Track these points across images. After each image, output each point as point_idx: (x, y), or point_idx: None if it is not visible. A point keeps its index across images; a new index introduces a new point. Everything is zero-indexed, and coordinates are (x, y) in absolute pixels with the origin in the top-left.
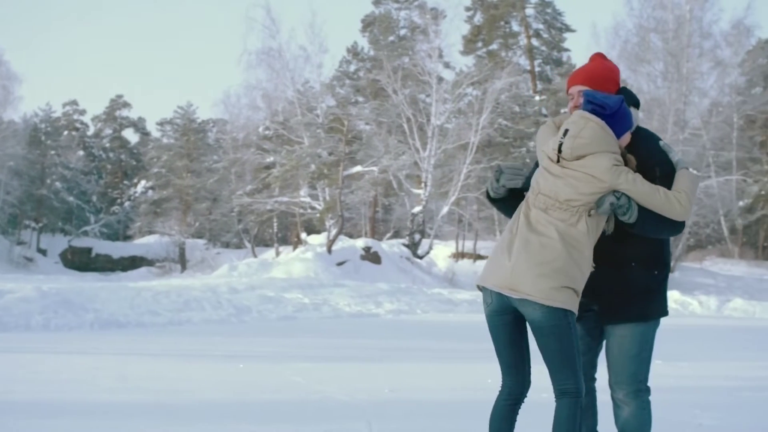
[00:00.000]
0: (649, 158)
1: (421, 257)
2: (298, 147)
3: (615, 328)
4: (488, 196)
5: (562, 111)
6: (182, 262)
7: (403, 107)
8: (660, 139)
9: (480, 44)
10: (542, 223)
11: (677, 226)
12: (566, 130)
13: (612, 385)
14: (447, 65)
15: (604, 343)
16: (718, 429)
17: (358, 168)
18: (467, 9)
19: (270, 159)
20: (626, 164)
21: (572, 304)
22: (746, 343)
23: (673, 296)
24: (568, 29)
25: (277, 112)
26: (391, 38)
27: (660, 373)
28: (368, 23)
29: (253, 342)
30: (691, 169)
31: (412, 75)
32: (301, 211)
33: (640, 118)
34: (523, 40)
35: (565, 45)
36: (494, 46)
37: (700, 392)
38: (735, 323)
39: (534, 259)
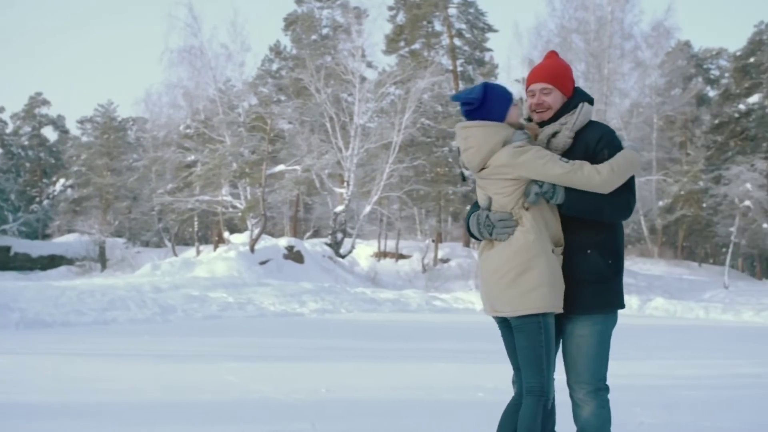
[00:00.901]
0: (598, 143)
1: (343, 256)
2: (221, 146)
3: (573, 328)
4: (469, 231)
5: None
6: (102, 261)
7: (326, 106)
8: (616, 139)
9: (402, 44)
10: None
11: (619, 207)
12: (458, 149)
13: (571, 384)
14: (369, 64)
15: (561, 343)
16: (659, 427)
17: (281, 167)
18: (390, 8)
19: (191, 158)
20: (534, 134)
21: (543, 304)
22: (671, 342)
23: None
24: (490, 29)
25: (198, 111)
26: (314, 37)
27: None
28: (291, 22)
29: (183, 342)
30: (633, 148)
31: (335, 74)
32: (223, 210)
33: (593, 112)
34: (445, 40)
35: (488, 45)
36: (417, 46)
37: (636, 391)
38: (657, 322)
39: (495, 273)
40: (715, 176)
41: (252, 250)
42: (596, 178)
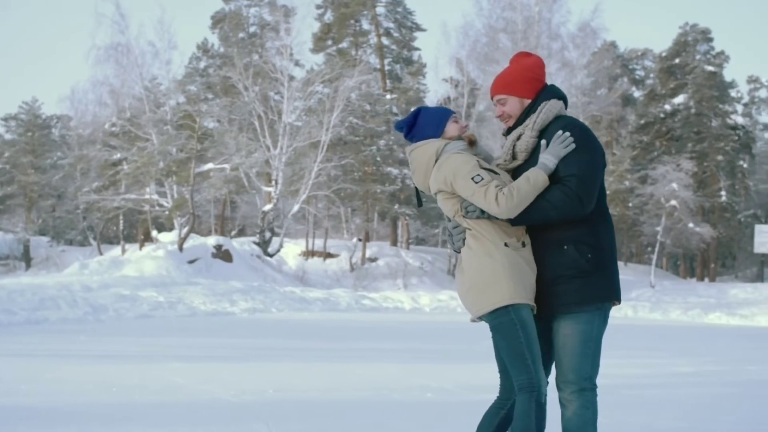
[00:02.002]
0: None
1: (271, 255)
2: (149, 144)
3: (559, 326)
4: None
5: (411, 109)
6: (27, 259)
7: (254, 105)
8: (578, 127)
9: (330, 42)
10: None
11: (565, 205)
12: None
13: (557, 383)
14: (297, 63)
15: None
16: (615, 427)
17: (209, 165)
18: (318, 7)
19: (117, 156)
20: (471, 144)
21: (503, 296)
22: (608, 342)
23: None
24: (418, 28)
25: (124, 109)
26: (242, 35)
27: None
28: (218, 20)
29: (120, 342)
30: (543, 173)
31: (263, 72)
32: (149, 208)
33: (563, 109)
34: (373, 39)
35: (416, 44)
36: (344, 45)
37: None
38: None
39: (460, 280)
40: (641, 176)
41: (180, 249)
42: (493, 206)
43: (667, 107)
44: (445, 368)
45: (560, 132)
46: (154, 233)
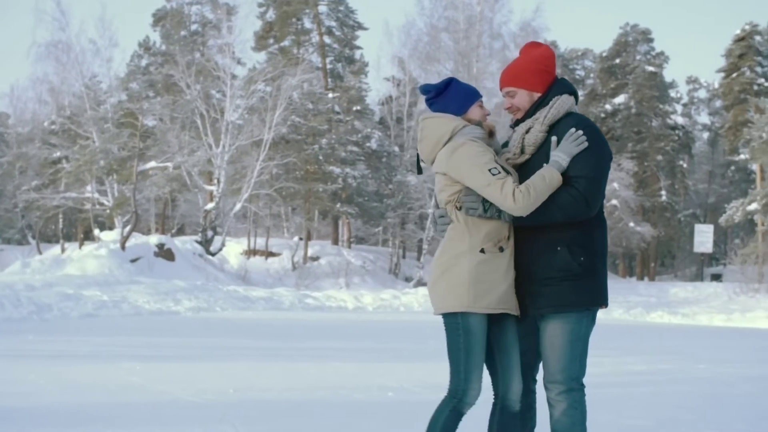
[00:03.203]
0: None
1: (213, 254)
2: (91, 142)
3: (546, 326)
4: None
5: (355, 108)
6: None
7: (196, 103)
8: (589, 127)
9: (272, 41)
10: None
11: (571, 206)
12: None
13: (545, 384)
14: (239, 61)
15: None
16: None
17: (152, 164)
18: (260, 5)
19: (57, 154)
20: (490, 134)
21: (459, 303)
22: None
23: None
24: (360, 27)
25: (64, 107)
26: (184, 33)
27: None
28: (159, 18)
29: (69, 341)
30: (557, 171)
31: (206, 70)
32: (90, 207)
33: (574, 105)
34: (315, 37)
35: (358, 43)
36: (286, 43)
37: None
38: None
39: (432, 269)
40: None
41: (123, 247)
42: (509, 201)
43: (608, 107)
44: (400, 367)
45: (573, 130)
46: (96, 232)
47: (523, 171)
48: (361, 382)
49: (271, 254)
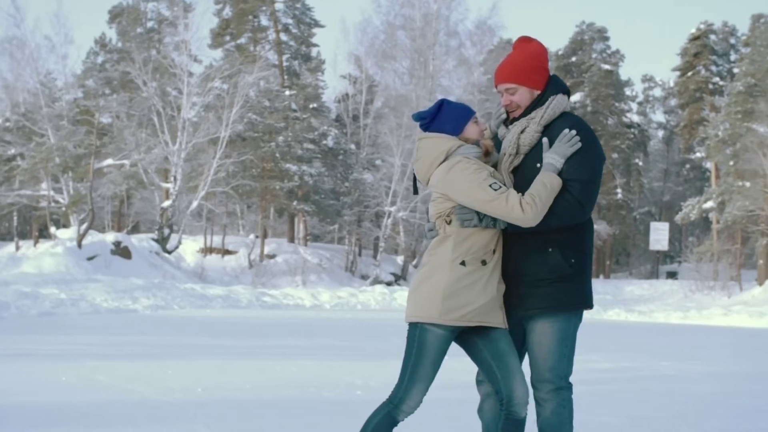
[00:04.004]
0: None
1: (170, 252)
2: (46, 139)
3: (535, 326)
4: None
5: (312, 106)
6: None
7: (153, 100)
8: (583, 129)
9: (228, 38)
10: None
11: (566, 212)
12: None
13: (533, 383)
14: (195, 59)
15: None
16: None
17: (108, 161)
18: (216, 2)
19: (11, 151)
20: (486, 153)
21: (425, 314)
22: None
23: None
24: (317, 24)
25: (18, 104)
26: (140, 30)
27: (461, 370)
28: (116, 14)
29: (30, 340)
30: (554, 174)
31: (162, 68)
32: (45, 205)
33: (568, 105)
34: (272, 35)
35: (314, 40)
36: (243, 40)
37: None
38: None
39: (416, 275)
40: None
41: (79, 245)
42: (517, 212)
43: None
44: (365, 365)
45: (567, 130)
46: (53, 229)
47: (516, 172)
48: (327, 380)
49: (228, 252)
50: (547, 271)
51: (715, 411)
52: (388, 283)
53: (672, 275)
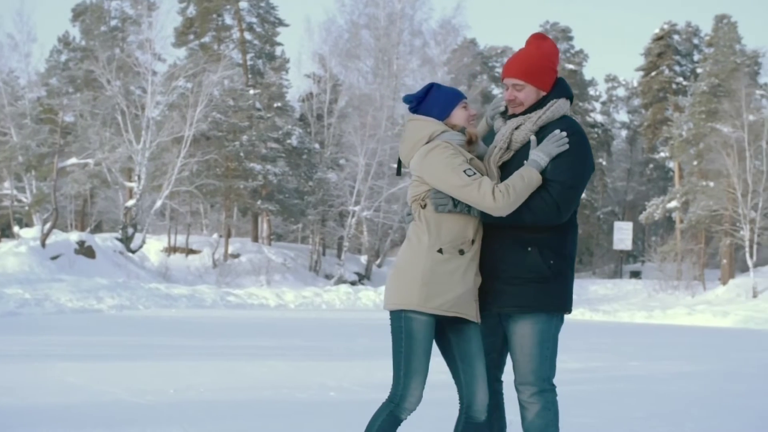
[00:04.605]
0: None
1: (134, 251)
2: (9, 138)
3: (515, 327)
4: None
5: (276, 105)
6: None
7: (117, 99)
8: (578, 133)
9: (192, 37)
10: None
11: (541, 211)
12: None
13: (516, 386)
14: (159, 57)
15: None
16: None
17: (72, 160)
18: (180, 1)
19: None
20: (470, 141)
21: (406, 301)
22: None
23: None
24: (281, 23)
25: None
26: (104, 28)
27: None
28: (79, 12)
29: None
30: (535, 170)
31: (126, 66)
32: (8, 204)
33: (569, 110)
34: (236, 34)
35: (279, 39)
36: (207, 39)
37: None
38: None
39: (395, 264)
40: None
41: (43, 245)
42: (488, 200)
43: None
44: (335, 366)
45: (558, 131)
46: (16, 229)
47: (505, 168)
48: (299, 381)
49: (192, 251)
50: (525, 270)
51: (690, 411)
52: (353, 283)
53: (635, 275)
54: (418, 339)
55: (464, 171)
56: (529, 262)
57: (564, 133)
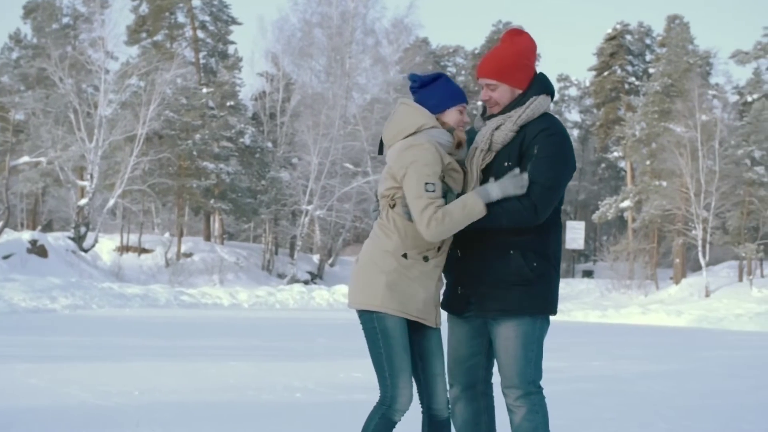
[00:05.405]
0: (535, 136)
1: (86, 251)
2: None
3: (500, 330)
4: None
5: (229, 104)
6: None
7: (70, 97)
8: (559, 133)
9: (145, 35)
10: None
11: (518, 213)
12: None
13: (503, 390)
14: (111, 55)
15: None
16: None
17: (24, 159)
18: None
19: None
20: (458, 144)
21: (375, 302)
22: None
23: (341, 290)
24: (234, 22)
25: None
26: (55, 26)
27: None
28: (30, 9)
29: None
30: (482, 203)
31: (79, 64)
32: None
33: (550, 107)
34: (188, 32)
35: (231, 38)
36: (159, 37)
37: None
38: None
39: (357, 261)
40: None
41: None
42: (423, 224)
43: (480, 104)
44: (298, 366)
45: (517, 171)
46: None
47: (487, 170)
48: (264, 382)
49: (144, 251)
50: (509, 273)
51: (660, 412)
52: (305, 282)
53: (588, 274)
54: (395, 336)
55: (426, 183)
56: (512, 265)
57: (525, 178)
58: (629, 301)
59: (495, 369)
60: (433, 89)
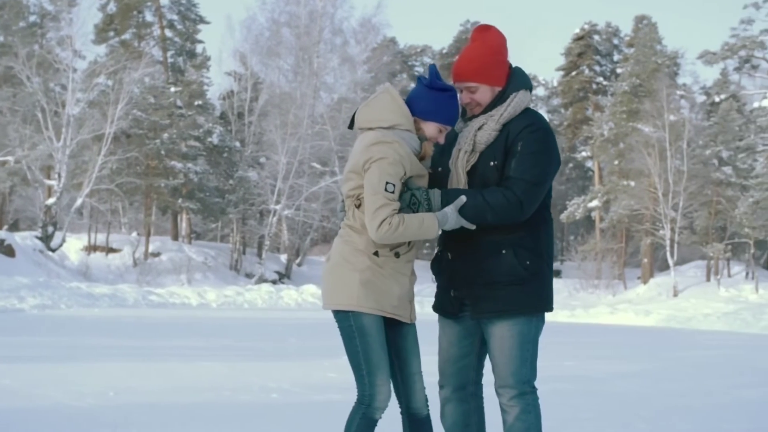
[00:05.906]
0: (519, 133)
1: (54, 250)
2: None
3: (494, 330)
4: None
5: (197, 103)
6: None
7: (37, 96)
8: (543, 129)
9: (113, 34)
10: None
11: (504, 208)
12: None
13: (496, 389)
14: (79, 54)
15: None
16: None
17: None
18: None
19: None
20: (422, 157)
21: (350, 302)
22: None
23: (309, 290)
24: (202, 21)
25: None
26: (22, 24)
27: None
28: None
29: None
30: (437, 224)
31: (46, 63)
32: None
33: (528, 100)
34: (156, 31)
35: (200, 37)
36: (127, 36)
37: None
38: None
39: (326, 262)
40: None
41: None
42: (374, 224)
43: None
44: (271, 366)
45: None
46: None
47: (473, 171)
48: (239, 383)
49: (112, 250)
50: (502, 273)
51: (640, 412)
52: (273, 282)
53: (555, 274)
54: (372, 334)
55: (387, 182)
56: (505, 264)
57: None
58: (597, 301)
59: (485, 370)
60: (436, 97)
